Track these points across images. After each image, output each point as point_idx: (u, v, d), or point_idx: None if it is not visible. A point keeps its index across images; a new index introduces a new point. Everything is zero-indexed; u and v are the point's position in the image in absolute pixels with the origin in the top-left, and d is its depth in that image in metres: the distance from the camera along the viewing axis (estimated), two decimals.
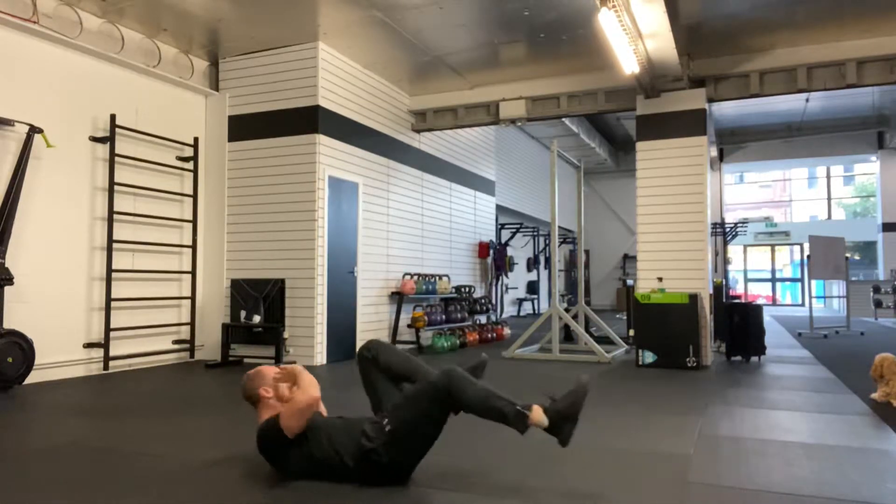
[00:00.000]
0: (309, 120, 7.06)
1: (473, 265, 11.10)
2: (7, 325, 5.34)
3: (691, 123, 7.16)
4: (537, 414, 2.53)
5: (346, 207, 7.50)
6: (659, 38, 5.91)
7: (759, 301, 21.06)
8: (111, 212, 6.25)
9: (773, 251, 22.56)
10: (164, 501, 2.53)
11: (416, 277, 8.67)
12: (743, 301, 10.40)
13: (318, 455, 2.71)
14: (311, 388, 2.69)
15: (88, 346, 6.12)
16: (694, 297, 6.59)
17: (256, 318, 6.87)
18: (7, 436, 3.67)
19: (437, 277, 9.25)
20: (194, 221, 7.29)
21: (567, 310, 8.17)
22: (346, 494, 2.60)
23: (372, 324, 7.96)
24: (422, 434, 2.68)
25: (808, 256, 10.53)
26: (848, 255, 11.39)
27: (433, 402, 2.64)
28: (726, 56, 7.24)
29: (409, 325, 8.42)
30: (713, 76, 7.30)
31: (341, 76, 7.44)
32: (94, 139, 6.26)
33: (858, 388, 5.26)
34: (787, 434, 3.72)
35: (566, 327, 8.82)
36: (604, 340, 8.32)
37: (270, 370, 2.95)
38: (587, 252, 19.90)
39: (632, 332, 8.28)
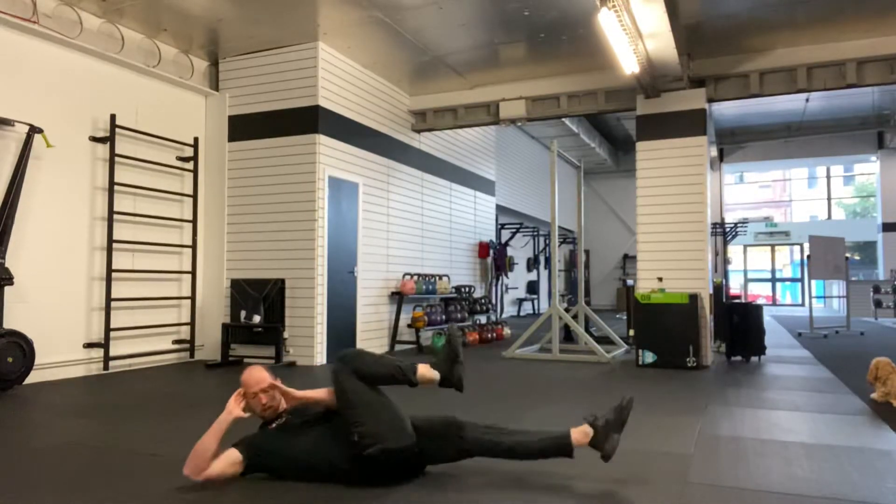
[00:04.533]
0: (309, 120, 7.06)
1: (473, 265, 11.10)
2: (7, 325, 5.34)
3: (691, 123, 7.16)
4: (424, 368, 2.79)
5: (346, 207, 7.50)
6: (659, 38, 5.91)
7: (759, 301, 21.05)
8: (111, 212, 6.25)
9: (773, 251, 22.55)
10: (163, 501, 2.53)
11: (416, 277, 8.67)
12: (743, 301, 10.41)
13: (299, 469, 2.71)
14: (188, 461, 2.62)
15: (88, 346, 6.11)
16: (694, 297, 6.59)
17: (256, 318, 6.87)
18: (7, 435, 3.67)
19: (437, 277, 9.25)
20: (194, 221, 7.29)
21: (567, 310, 8.17)
22: (345, 493, 2.60)
23: (372, 324, 7.96)
24: (385, 413, 2.68)
25: (808, 256, 10.53)
26: (848, 255, 11.39)
27: (354, 387, 2.66)
28: (726, 56, 7.24)
29: (409, 325, 8.42)
30: (713, 76, 7.29)
31: (341, 76, 7.44)
32: (94, 139, 6.25)
33: (858, 388, 5.26)
34: (787, 434, 3.72)
35: (566, 327, 8.81)
36: (604, 340, 8.32)
37: (254, 381, 2.82)
38: (587, 252, 19.90)
39: (632, 332, 8.28)
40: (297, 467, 2.71)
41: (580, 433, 2.69)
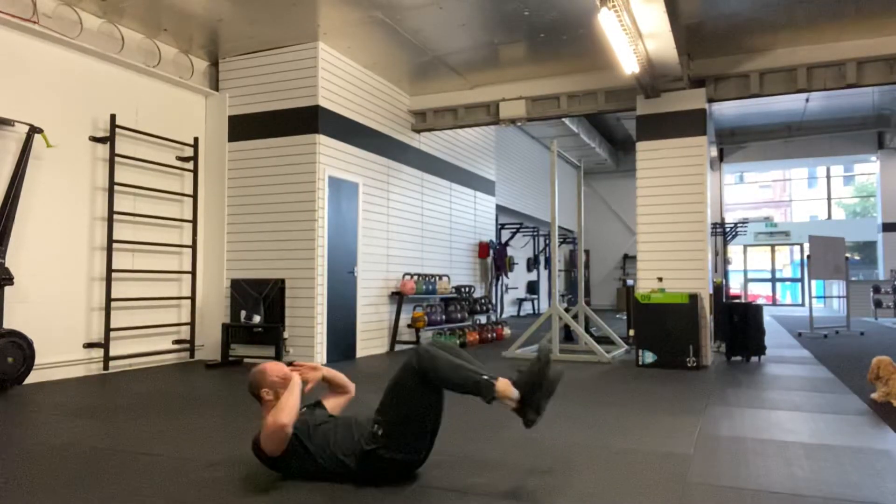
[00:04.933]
0: (309, 120, 7.06)
1: (473, 265, 11.10)
2: (7, 325, 5.34)
3: (691, 123, 7.16)
4: (503, 385, 2.52)
5: (346, 207, 7.50)
6: (659, 38, 5.91)
7: (759, 301, 21.04)
8: (111, 212, 6.25)
9: (773, 251, 22.56)
10: (163, 501, 2.53)
11: (416, 277, 8.67)
12: (743, 301, 10.41)
13: (311, 467, 2.71)
14: (280, 413, 2.57)
15: (88, 346, 6.11)
16: (694, 297, 6.59)
17: (256, 318, 6.87)
18: (6, 435, 3.67)
19: (437, 277, 9.25)
20: (194, 221, 7.29)
21: (567, 310, 8.17)
22: (346, 495, 2.60)
23: (372, 324, 7.96)
24: (417, 425, 2.66)
25: (808, 256, 10.53)
26: (848, 255, 11.39)
27: (412, 387, 2.61)
28: (726, 56, 7.24)
29: (409, 325, 8.42)
30: (713, 76, 7.30)
31: (341, 76, 7.44)
32: (94, 139, 6.25)
33: (858, 388, 5.26)
34: (787, 434, 3.72)
35: (566, 327, 8.81)
36: (604, 340, 8.32)
37: (276, 369, 2.85)
38: (587, 252, 19.90)
39: (632, 332, 8.28)
40: (309, 467, 2.71)
41: (504, 386, 2.56)
